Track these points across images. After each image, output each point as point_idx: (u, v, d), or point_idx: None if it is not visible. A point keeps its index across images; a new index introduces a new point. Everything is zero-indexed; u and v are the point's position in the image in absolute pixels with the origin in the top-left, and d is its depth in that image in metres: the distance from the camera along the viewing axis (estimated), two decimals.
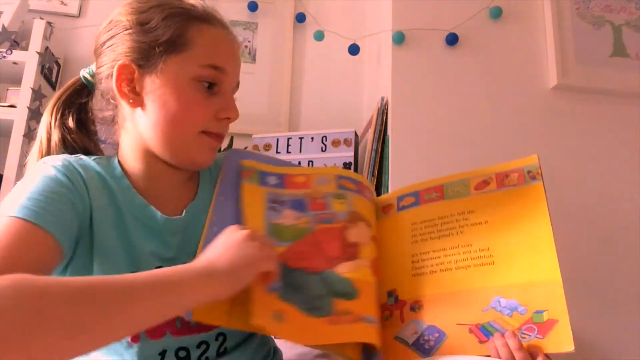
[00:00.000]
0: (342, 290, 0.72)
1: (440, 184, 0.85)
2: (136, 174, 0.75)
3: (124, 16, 0.73)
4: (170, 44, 0.71)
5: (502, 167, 0.82)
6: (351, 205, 0.81)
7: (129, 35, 0.72)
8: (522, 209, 0.76)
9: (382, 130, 1.49)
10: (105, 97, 0.76)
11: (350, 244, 0.77)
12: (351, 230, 0.79)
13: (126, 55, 0.71)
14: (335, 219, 0.79)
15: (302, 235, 0.76)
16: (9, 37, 1.66)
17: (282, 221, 0.77)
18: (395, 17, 1.56)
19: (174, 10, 0.72)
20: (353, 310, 0.70)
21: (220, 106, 0.74)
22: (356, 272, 0.74)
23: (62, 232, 0.62)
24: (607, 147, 1.51)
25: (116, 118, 0.76)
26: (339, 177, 0.85)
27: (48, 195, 0.64)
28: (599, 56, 1.57)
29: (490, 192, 0.80)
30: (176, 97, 0.71)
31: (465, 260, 0.75)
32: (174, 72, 0.71)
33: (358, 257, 0.76)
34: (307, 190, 0.82)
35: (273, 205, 0.78)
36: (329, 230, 0.78)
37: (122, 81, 0.71)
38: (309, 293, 0.71)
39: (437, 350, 0.69)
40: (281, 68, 1.91)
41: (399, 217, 0.85)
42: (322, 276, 0.73)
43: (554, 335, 0.64)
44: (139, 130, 0.73)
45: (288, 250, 0.74)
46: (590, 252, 1.41)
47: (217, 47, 0.74)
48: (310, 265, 0.73)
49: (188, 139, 0.73)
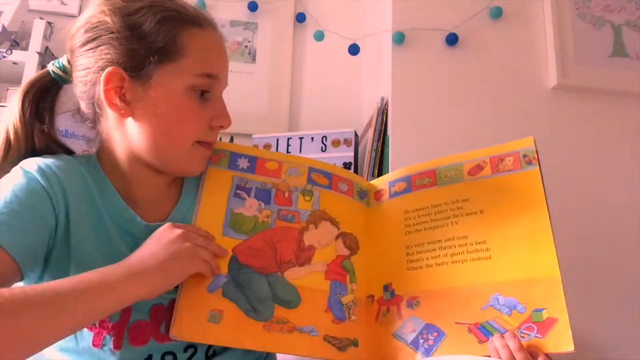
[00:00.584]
0: (285, 297, 0.72)
1: (432, 167, 0.82)
2: (119, 177, 0.73)
3: (107, 16, 0.68)
4: (164, 51, 0.67)
5: (496, 149, 0.79)
6: (318, 203, 0.80)
7: (117, 40, 0.67)
8: (518, 198, 0.74)
9: (382, 130, 1.49)
10: (87, 101, 0.72)
11: (305, 248, 0.77)
12: (310, 232, 0.78)
13: (113, 62, 0.67)
14: (297, 218, 0.78)
15: (260, 230, 0.76)
16: (9, 37, 1.66)
17: (243, 211, 0.77)
18: (395, 17, 1.55)
19: (166, 14, 0.69)
20: (290, 319, 0.70)
21: (213, 114, 0.73)
22: (305, 278, 0.74)
23: (21, 250, 0.60)
24: (607, 147, 1.50)
25: (98, 123, 0.73)
26: (310, 170, 0.83)
27: (14, 208, 0.61)
28: (599, 56, 1.56)
29: (484, 178, 0.78)
30: (170, 107, 0.69)
31: (462, 254, 0.74)
32: (168, 82, 0.68)
33: (311, 262, 0.76)
34: (276, 181, 0.81)
35: (238, 192, 0.78)
36: (287, 229, 0.77)
37: (110, 90, 0.68)
38: (252, 294, 0.71)
39: (436, 350, 0.68)
40: (281, 68, 1.90)
41: (391, 205, 0.83)
42: (269, 279, 0.73)
43: (553, 334, 0.64)
44: (127, 138, 0.71)
45: (242, 243, 0.74)
46: (590, 252, 1.41)
47: (210, 54, 0.72)
48: (260, 265, 0.74)
49: (181, 150, 0.72)
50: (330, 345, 0.71)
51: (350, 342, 0.72)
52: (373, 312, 0.76)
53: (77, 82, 0.72)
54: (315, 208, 0.80)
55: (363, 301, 0.76)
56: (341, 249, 0.79)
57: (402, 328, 0.72)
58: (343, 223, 0.80)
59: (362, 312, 0.75)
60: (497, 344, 0.65)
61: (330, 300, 0.74)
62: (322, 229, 0.79)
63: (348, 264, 0.78)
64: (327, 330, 0.72)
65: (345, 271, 0.77)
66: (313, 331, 0.71)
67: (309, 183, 0.82)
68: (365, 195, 0.86)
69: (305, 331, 0.71)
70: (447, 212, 0.77)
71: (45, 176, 0.66)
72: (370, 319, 0.75)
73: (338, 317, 0.73)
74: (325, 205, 0.81)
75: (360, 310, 0.75)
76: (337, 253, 0.78)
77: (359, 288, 0.77)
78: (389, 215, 0.82)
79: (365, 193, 0.86)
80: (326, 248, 0.78)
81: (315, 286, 0.74)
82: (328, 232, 0.79)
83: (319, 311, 0.73)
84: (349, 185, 0.85)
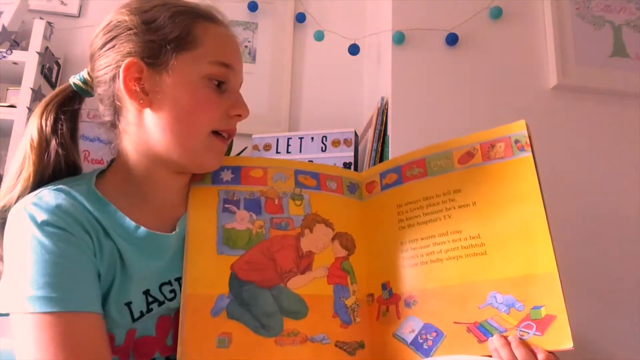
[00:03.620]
0: (292, 308, 0.71)
1: (422, 156, 0.80)
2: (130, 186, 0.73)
3: (124, 16, 0.71)
4: (179, 41, 0.70)
5: (486, 134, 0.76)
6: (309, 206, 0.79)
7: (134, 34, 0.70)
8: (511, 188, 0.71)
9: (382, 130, 1.49)
10: (106, 101, 0.73)
11: (304, 255, 0.75)
12: (306, 238, 0.77)
13: (133, 54, 0.70)
14: (291, 225, 0.77)
15: (255, 242, 0.74)
16: (9, 37, 1.66)
17: (235, 225, 0.75)
18: (395, 17, 1.55)
19: (179, 9, 0.72)
20: (301, 330, 0.69)
21: (230, 104, 0.74)
22: (308, 286, 0.73)
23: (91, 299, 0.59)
24: (607, 147, 1.50)
25: (117, 123, 0.74)
26: (297, 172, 0.81)
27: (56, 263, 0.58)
28: (599, 56, 1.56)
29: (475, 166, 0.75)
30: (189, 95, 0.70)
31: (456, 250, 0.72)
32: (185, 70, 0.70)
33: (312, 268, 0.75)
34: (263, 188, 0.79)
35: (226, 206, 0.76)
36: (283, 238, 0.76)
37: (130, 80, 0.69)
38: (259, 310, 0.69)
39: (436, 350, 0.68)
40: (281, 68, 1.90)
41: (383, 198, 0.81)
42: (273, 292, 0.71)
43: (552, 332, 0.63)
44: (146, 133, 0.71)
45: (240, 259, 0.72)
46: (590, 252, 1.41)
47: (224, 45, 0.74)
48: (262, 279, 0.72)
49: (199, 139, 0.72)
50: (341, 351, 0.71)
51: (357, 345, 0.72)
52: (374, 312, 0.75)
53: (98, 85, 0.73)
54: (307, 212, 0.78)
55: (364, 301, 0.76)
56: (338, 250, 0.78)
57: (402, 328, 0.72)
58: (337, 223, 0.79)
59: (364, 312, 0.75)
60: (497, 343, 0.64)
61: (335, 305, 0.74)
62: (317, 232, 0.78)
63: (347, 264, 0.77)
64: (337, 336, 0.71)
65: (346, 273, 0.77)
66: (325, 339, 0.70)
67: (297, 186, 0.80)
68: (355, 189, 0.84)
69: (317, 340, 0.70)
70: (439, 205, 0.75)
71: (59, 216, 0.63)
72: (372, 319, 0.75)
73: (345, 321, 0.73)
74: (317, 207, 0.79)
75: (363, 311, 0.75)
76: (336, 255, 0.77)
77: (359, 288, 0.76)
78: (382, 209, 0.81)
79: (356, 186, 0.85)
80: (324, 252, 0.76)
81: (319, 292, 0.73)
82: (324, 235, 0.78)
83: (327, 318, 0.72)
84: (338, 182, 0.83)
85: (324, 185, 0.82)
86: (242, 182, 0.79)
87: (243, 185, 0.78)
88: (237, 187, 0.78)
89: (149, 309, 0.68)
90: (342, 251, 0.78)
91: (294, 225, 0.77)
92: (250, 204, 0.77)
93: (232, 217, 0.75)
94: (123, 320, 0.66)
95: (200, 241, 0.72)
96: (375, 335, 0.73)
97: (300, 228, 0.77)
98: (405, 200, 0.79)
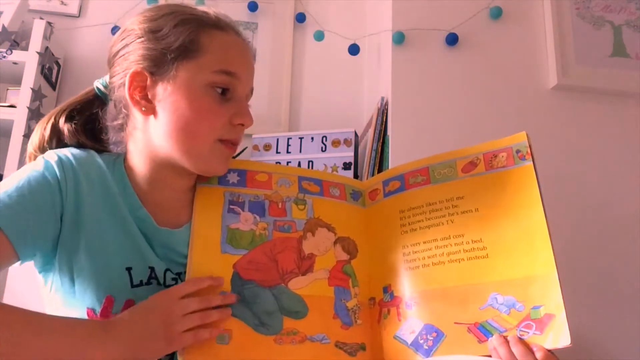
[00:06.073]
0: (292, 307, 0.72)
1: (425, 165, 0.82)
2: (139, 180, 0.75)
3: (136, 25, 0.73)
4: (182, 50, 0.70)
5: (489, 145, 0.79)
6: (312, 210, 0.80)
7: (141, 43, 0.72)
8: (512, 195, 0.74)
9: (382, 130, 1.49)
10: (118, 106, 0.75)
11: (305, 257, 0.77)
12: (308, 241, 0.78)
13: (138, 62, 0.71)
14: (293, 228, 0.78)
15: (258, 243, 0.76)
16: (9, 37, 1.66)
17: (240, 226, 0.77)
18: (395, 17, 1.56)
19: (185, 18, 0.72)
20: (300, 330, 0.70)
21: (234, 112, 0.73)
22: (309, 287, 0.74)
23: (19, 234, 0.63)
24: (607, 147, 1.50)
25: (125, 126, 0.76)
26: (300, 179, 0.83)
27: (24, 194, 0.65)
28: (599, 56, 1.56)
29: (478, 175, 0.78)
30: (189, 103, 0.70)
31: (458, 253, 0.73)
32: (186, 79, 0.70)
33: (313, 270, 0.76)
34: (268, 192, 0.81)
35: (232, 207, 0.78)
36: (285, 240, 0.77)
37: (134, 89, 0.71)
38: (259, 308, 0.71)
39: (436, 351, 0.69)
40: (281, 68, 1.90)
41: (386, 205, 0.83)
42: (273, 291, 0.73)
43: (551, 330, 0.64)
44: (151, 139, 0.73)
45: (242, 258, 0.74)
46: (590, 252, 1.41)
47: (230, 53, 0.74)
48: (263, 278, 0.73)
49: (203, 148, 0.73)
50: (341, 351, 0.71)
51: (359, 346, 0.73)
52: (375, 315, 0.76)
53: (112, 90, 0.76)
54: (309, 216, 0.80)
55: (365, 304, 0.77)
56: (340, 254, 0.79)
57: (402, 329, 0.72)
58: (339, 228, 0.80)
59: (366, 315, 0.76)
60: (495, 342, 0.65)
61: (336, 306, 0.74)
62: (319, 235, 0.79)
63: (349, 268, 0.78)
64: (337, 336, 0.72)
65: (347, 276, 0.78)
66: (325, 339, 0.71)
67: (301, 192, 0.82)
68: (359, 196, 0.86)
69: (317, 339, 0.70)
70: (442, 211, 0.77)
71: (62, 166, 0.70)
72: (373, 321, 0.75)
73: (346, 323, 0.74)
74: (319, 212, 0.81)
75: (364, 313, 0.76)
76: (337, 259, 0.78)
77: (361, 291, 0.77)
78: (384, 215, 0.82)
79: (359, 193, 0.86)
80: (326, 255, 0.77)
81: (320, 293, 0.74)
82: (326, 239, 0.79)
83: (327, 318, 0.73)
84: (341, 189, 0.85)
85: (327, 191, 0.84)
86: (247, 184, 0.80)
87: (248, 188, 0.80)
88: (243, 189, 0.80)
89: (149, 282, 0.70)
90: (344, 255, 0.79)
91: (296, 228, 0.78)
92: (255, 206, 0.78)
93: (237, 217, 0.77)
94: (122, 283, 0.69)
95: (204, 239, 0.74)
96: (376, 337, 0.74)
97: (302, 231, 0.78)
98: (408, 206, 0.80)
